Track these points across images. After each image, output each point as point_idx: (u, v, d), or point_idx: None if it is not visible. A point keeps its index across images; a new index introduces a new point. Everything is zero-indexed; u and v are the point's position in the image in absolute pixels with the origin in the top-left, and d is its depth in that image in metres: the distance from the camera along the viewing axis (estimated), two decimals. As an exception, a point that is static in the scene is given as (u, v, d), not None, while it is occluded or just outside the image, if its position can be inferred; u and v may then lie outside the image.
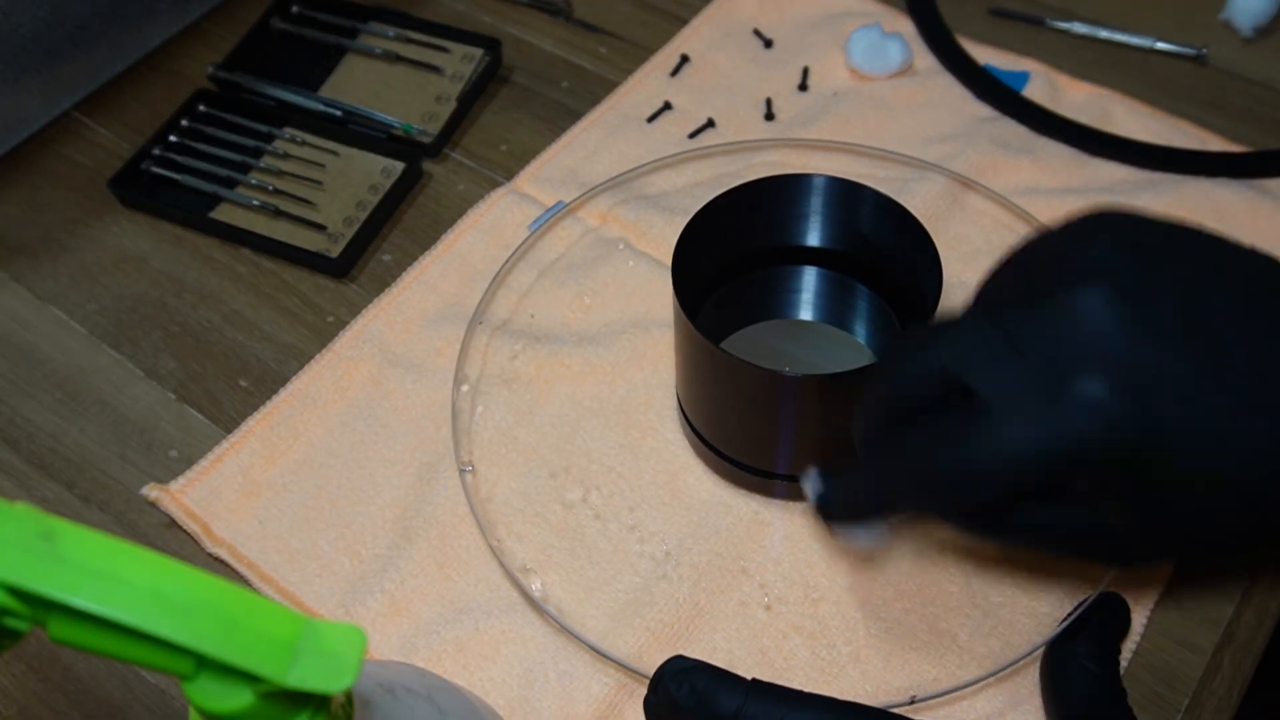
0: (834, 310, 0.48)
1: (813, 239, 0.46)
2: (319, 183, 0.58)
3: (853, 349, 0.47)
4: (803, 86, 0.61)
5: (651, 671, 0.41)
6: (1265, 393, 0.32)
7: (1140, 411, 0.31)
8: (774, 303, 0.48)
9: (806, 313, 0.48)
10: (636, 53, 0.64)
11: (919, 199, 0.54)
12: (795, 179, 0.44)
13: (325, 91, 0.62)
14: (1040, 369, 0.32)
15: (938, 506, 0.36)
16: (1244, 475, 0.32)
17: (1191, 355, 0.31)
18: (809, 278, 0.48)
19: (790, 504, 0.46)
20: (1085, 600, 0.41)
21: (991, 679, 0.41)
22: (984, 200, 0.55)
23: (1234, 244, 0.35)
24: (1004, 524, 0.36)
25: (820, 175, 0.44)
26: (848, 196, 0.44)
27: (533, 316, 0.52)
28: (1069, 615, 0.41)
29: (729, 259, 0.46)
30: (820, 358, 0.47)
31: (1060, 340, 0.32)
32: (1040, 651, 0.41)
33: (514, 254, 0.53)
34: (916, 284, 0.43)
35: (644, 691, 0.41)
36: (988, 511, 0.36)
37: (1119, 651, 0.41)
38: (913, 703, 0.40)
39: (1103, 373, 0.31)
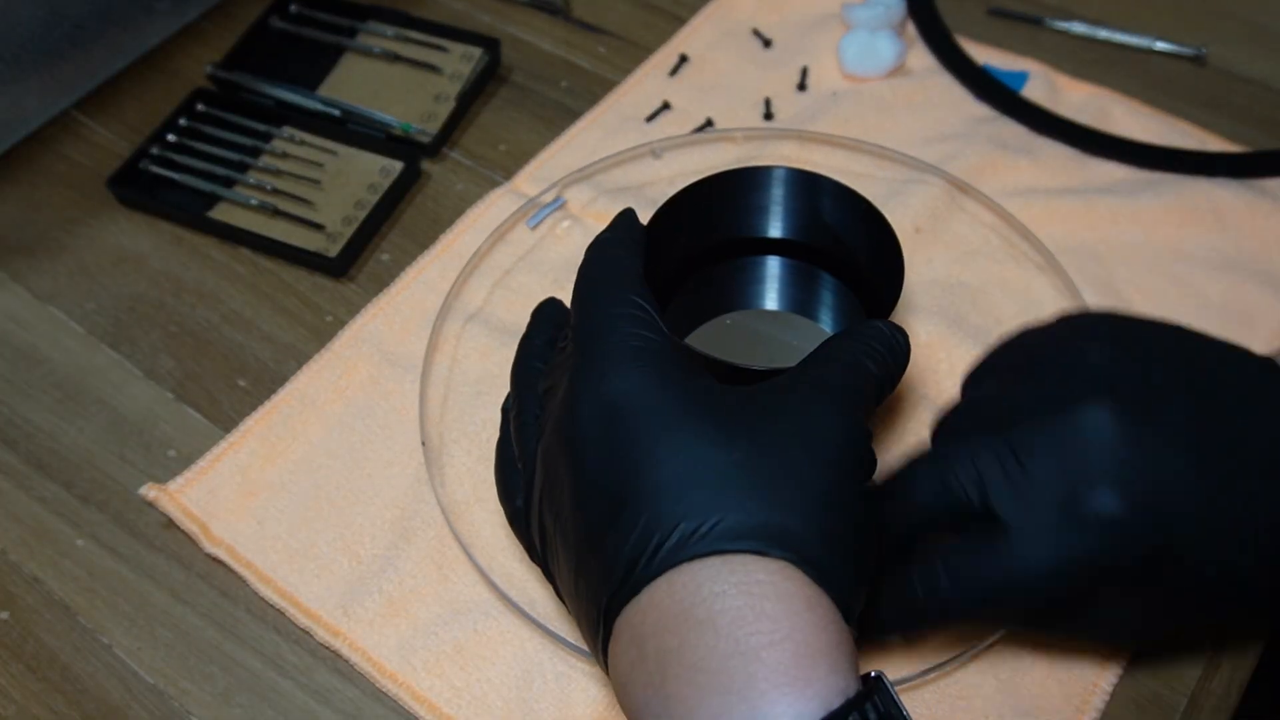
0: (800, 300, 0.48)
1: (776, 230, 0.47)
2: (317, 182, 0.58)
3: (819, 339, 0.47)
4: (802, 86, 0.61)
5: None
6: (1264, 488, 0.34)
7: (1152, 521, 0.33)
8: (741, 294, 0.48)
9: (773, 303, 0.48)
10: (635, 52, 0.64)
11: (918, 199, 0.54)
12: (756, 171, 0.45)
13: (324, 91, 0.62)
14: (1053, 487, 0.34)
15: (970, 621, 0.39)
16: (1247, 560, 0.34)
17: (1196, 461, 0.33)
18: (775, 268, 0.48)
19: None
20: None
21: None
22: (982, 203, 0.55)
23: (1217, 342, 0.37)
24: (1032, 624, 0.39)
25: (780, 166, 0.45)
26: (809, 187, 0.45)
27: (531, 316, 0.52)
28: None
29: (695, 251, 0.46)
30: (787, 349, 0.47)
31: (1071, 457, 0.34)
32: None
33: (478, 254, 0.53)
34: (878, 272, 0.43)
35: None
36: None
37: None
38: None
39: (1114, 487, 0.33)
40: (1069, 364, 0.37)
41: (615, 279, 0.37)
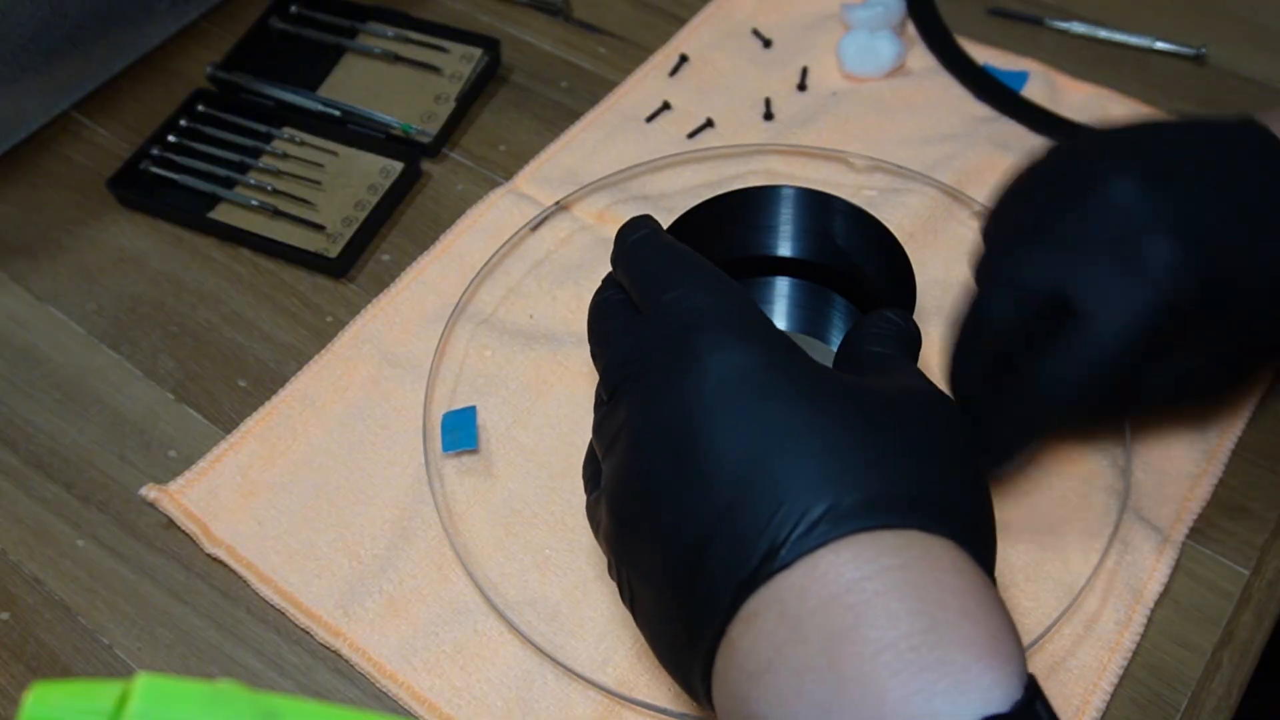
0: (810, 320, 0.48)
1: (786, 249, 0.46)
2: (318, 183, 0.58)
3: (829, 360, 0.47)
4: (802, 86, 0.61)
5: (647, 683, 0.41)
6: None
7: (1202, 253, 0.36)
8: None
9: (782, 323, 0.48)
10: (635, 53, 0.64)
11: (918, 199, 0.54)
12: (766, 191, 0.44)
13: (324, 91, 0.62)
14: (1108, 255, 0.37)
15: (1076, 416, 0.41)
16: None
17: (1224, 206, 0.37)
18: (784, 288, 0.48)
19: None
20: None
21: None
22: (975, 209, 0.55)
23: (1218, 120, 0.41)
24: (1122, 397, 0.41)
25: (790, 186, 0.44)
26: (819, 207, 0.45)
27: (531, 317, 0.52)
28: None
29: None
30: None
31: (1115, 224, 0.37)
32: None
33: (503, 248, 0.53)
34: (891, 294, 0.43)
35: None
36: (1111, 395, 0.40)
37: None
38: None
39: (1159, 233, 0.37)
40: (1086, 161, 0.40)
41: (684, 254, 0.35)
